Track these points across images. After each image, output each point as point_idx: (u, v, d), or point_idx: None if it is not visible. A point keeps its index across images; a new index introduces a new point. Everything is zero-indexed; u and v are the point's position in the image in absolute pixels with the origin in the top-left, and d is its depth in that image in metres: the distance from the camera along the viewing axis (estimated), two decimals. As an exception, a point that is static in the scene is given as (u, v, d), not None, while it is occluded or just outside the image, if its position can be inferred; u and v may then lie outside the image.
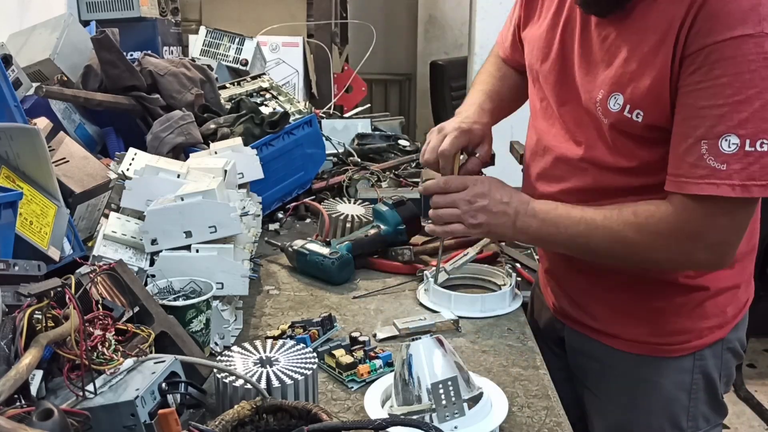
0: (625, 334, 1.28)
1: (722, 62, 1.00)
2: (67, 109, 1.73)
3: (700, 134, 1.03)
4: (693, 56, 1.03)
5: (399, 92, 5.62)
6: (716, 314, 1.26)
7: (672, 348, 1.26)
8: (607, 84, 1.13)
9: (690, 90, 1.04)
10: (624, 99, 1.10)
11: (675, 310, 1.24)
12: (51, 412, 0.67)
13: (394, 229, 1.52)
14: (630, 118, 1.11)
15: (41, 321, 0.79)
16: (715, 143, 1.02)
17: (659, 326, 1.26)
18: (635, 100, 1.10)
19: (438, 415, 0.91)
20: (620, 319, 1.28)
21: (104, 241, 1.21)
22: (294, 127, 1.80)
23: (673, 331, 1.25)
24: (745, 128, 1.01)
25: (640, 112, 1.10)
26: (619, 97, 1.11)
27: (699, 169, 1.04)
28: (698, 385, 1.28)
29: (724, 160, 1.02)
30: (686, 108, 1.05)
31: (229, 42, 2.48)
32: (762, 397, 3.22)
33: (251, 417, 0.83)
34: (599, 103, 1.14)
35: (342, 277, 1.45)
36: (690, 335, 1.25)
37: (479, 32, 3.27)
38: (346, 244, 1.48)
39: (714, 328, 1.26)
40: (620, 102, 1.11)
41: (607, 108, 1.13)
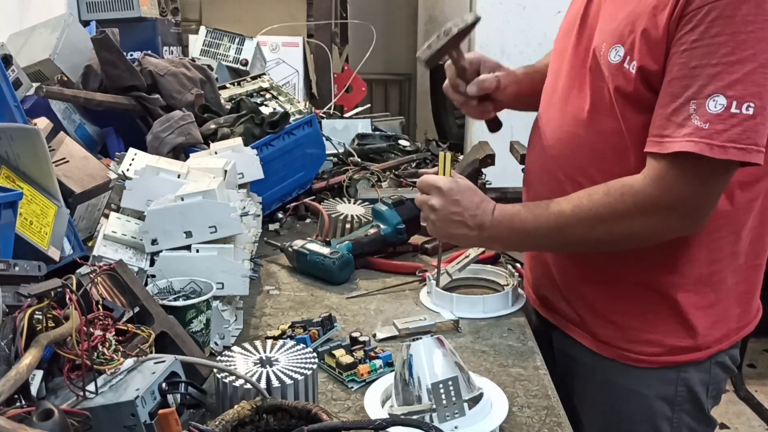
0: (600, 335, 1.26)
1: (720, 21, 0.99)
2: (67, 109, 1.73)
3: (690, 94, 1.02)
4: (692, 14, 1.01)
5: (399, 92, 5.61)
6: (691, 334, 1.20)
7: (645, 359, 1.22)
8: (609, 35, 1.12)
9: (685, 49, 1.02)
10: (624, 50, 1.09)
11: (642, 317, 1.21)
12: (51, 412, 0.67)
13: (393, 229, 1.53)
14: (627, 69, 1.09)
15: (41, 321, 0.79)
16: (702, 103, 1.00)
17: (627, 332, 1.23)
18: (632, 51, 1.08)
19: (438, 415, 0.91)
20: (594, 317, 1.26)
21: (104, 241, 1.21)
22: (294, 127, 1.80)
23: (640, 341, 1.22)
24: (734, 89, 0.99)
25: (635, 63, 1.08)
26: (620, 48, 1.10)
27: (683, 129, 1.02)
28: (683, 398, 1.24)
29: (707, 120, 1.00)
30: (679, 67, 1.03)
31: (229, 42, 2.48)
32: (762, 397, 3.22)
33: (251, 417, 0.83)
34: (602, 56, 1.13)
35: (342, 277, 1.45)
36: (659, 349, 1.21)
37: (479, 32, 3.26)
38: (346, 244, 1.49)
39: (688, 349, 1.21)
40: (620, 54, 1.10)
41: (608, 60, 1.11)
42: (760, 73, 0.99)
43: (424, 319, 1.26)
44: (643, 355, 1.23)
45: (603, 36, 1.14)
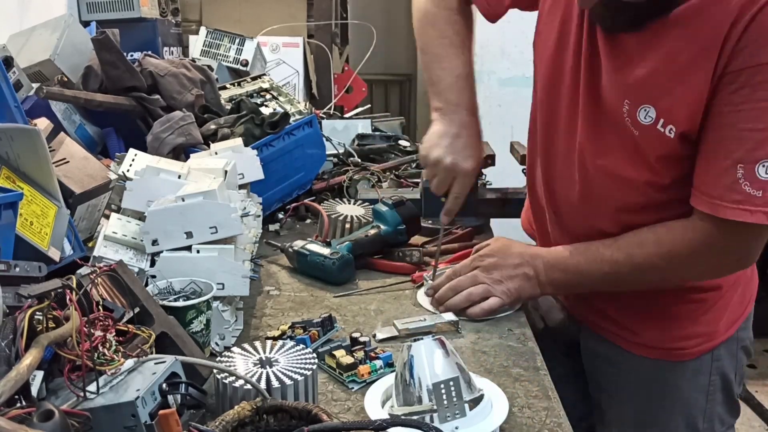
0: (641, 339, 1.28)
1: (766, 84, 0.98)
2: (68, 110, 1.73)
3: (738, 157, 1.01)
4: (736, 74, 0.99)
5: (399, 93, 5.62)
6: (726, 313, 1.27)
7: (686, 352, 1.26)
8: (633, 94, 1.09)
9: (730, 110, 1.01)
10: (656, 112, 1.07)
11: (688, 314, 1.25)
12: (52, 413, 0.67)
13: (394, 229, 1.53)
14: (663, 133, 1.08)
15: (42, 322, 0.79)
16: (752, 168, 1.00)
17: (673, 331, 1.26)
18: (669, 115, 1.06)
19: (439, 415, 0.91)
20: (635, 323, 1.28)
21: (105, 241, 1.21)
22: (294, 127, 1.80)
23: (687, 336, 1.26)
24: None
25: (673, 128, 1.07)
26: (651, 109, 1.08)
27: (734, 194, 1.02)
28: (715, 386, 1.28)
29: (760, 187, 1.01)
30: (725, 128, 1.02)
31: (229, 42, 2.49)
32: (762, 397, 3.22)
33: (251, 417, 0.83)
34: (627, 114, 1.10)
35: (343, 278, 1.45)
36: (702, 338, 1.26)
37: (479, 33, 3.25)
38: (347, 245, 1.49)
39: (725, 327, 1.27)
40: (652, 115, 1.08)
41: (637, 120, 1.09)
42: None
43: (425, 320, 1.26)
44: (685, 349, 1.27)
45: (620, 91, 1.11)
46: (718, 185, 1.05)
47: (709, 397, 1.29)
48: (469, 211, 1.62)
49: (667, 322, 1.27)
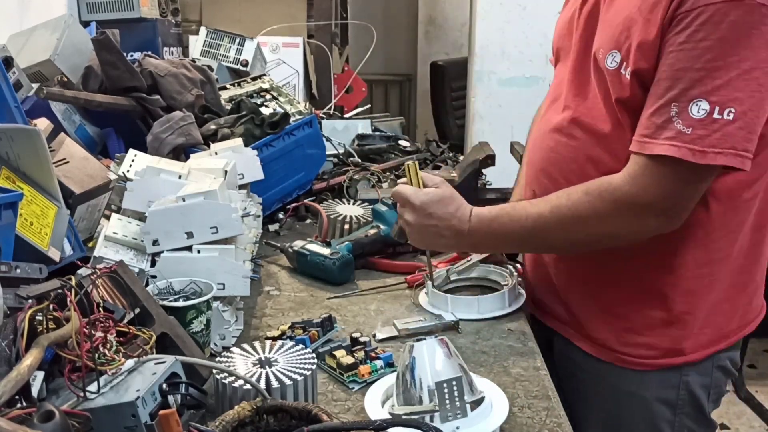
0: (596, 336, 1.26)
1: (708, 25, 0.99)
2: (68, 110, 1.73)
3: (672, 96, 1.02)
4: (682, 15, 1.02)
5: (399, 93, 5.62)
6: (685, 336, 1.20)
7: (638, 361, 1.22)
8: (607, 41, 1.12)
9: (672, 50, 1.03)
10: (620, 56, 1.10)
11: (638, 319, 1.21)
12: (52, 413, 0.67)
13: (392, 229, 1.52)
14: (624, 75, 1.09)
15: (42, 323, 0.79)
16: (685, 107, 1.01)
17: (623, 335, 1.23)
18: (628, 56, 1.08)
19: (441, 415, 0.91)
20: (591, 320, 1.26)
21: (105, 242, 1.21)
22: (294, 127, 1.80)
23: (637, 344, 1.22)
24: (717, 95, 1.00)
25: (630, 69, 1.09)
26: (617, 54, 1.10)
27: (665, 131, 1.03)
28: (684, 401, 1.24)
29: (690, 124, 1.01)
30: (665, 68, 1.04)
31: (229, 43, 2.48)
32: (762, 397, 3.22)
33: (251, 417, 0.83)
34: (600, 61, 1.13)
35: (343, 278, 1.45)
36: (655, 351, 1.21)
37: (479, 33, 3.27)
38: (346, 245, 1.49)
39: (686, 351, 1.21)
40: (617, 60, 1.10)
41: (606, 65, 1.12)
42: (743, 79, 1.00)
43: (424, 320, 1.26)
44: (640, 358, 1.23)
45: (600, 41, 1.15)
46: (651, 125, 1.05)
47: (678, 411, 1.25)
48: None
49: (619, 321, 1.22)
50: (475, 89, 3.31)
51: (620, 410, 1.27)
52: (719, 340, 1.23)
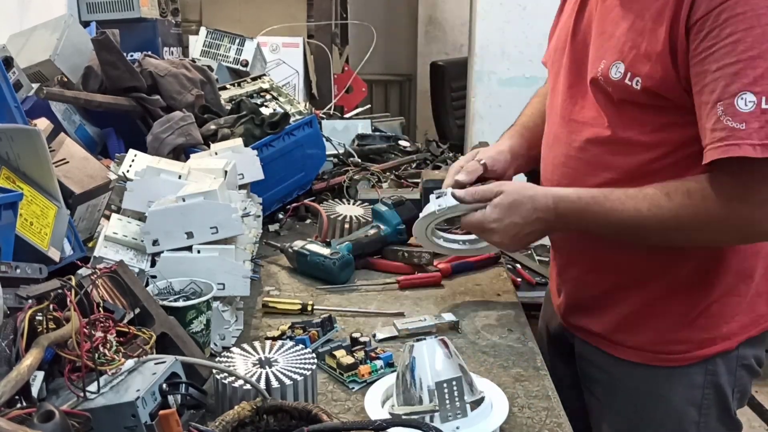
0: (630, 341, 1.24)
1: (732, 20, 0.98)
2: (68, 110, 1.73)
3: (716, 97, 1.00)
4: (701, 22, 1.00)
5: (399, 93, 5.62)
6: (720, 324, 1.20)
7: (669, 357, 1.22)
8: (609, 53, 1.12)
9: (703, 57, 1.01)
10: (624, 67, 1.09)
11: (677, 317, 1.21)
12: (52, 413, 0.67)
13: (394, 229, 1.53)
14: (630, 86, 1.09)
15: (42, 322, 0.79)
16: (731, 103, 0.98)
17: (661, 335, 1.22)
18: (635, 67, 1.08)
19: (441, 415, 0.91)
20: (628, 326, 1.24)
21: (105, 242, 1.21)
22: (294, 127, 1.80)
23: (673, 340, 1.21)
24: (760, 84, 0.97)
25: (638, 79, 1.08)
26: (620, 65, 1.10)
27: (718, 133, 1.00)
28: (709, 400, 1.23)
29: (742, 120, 0.98)
30: (701, 76, 1.02)
31: (229, 43, 2.48)
32: (762, 397, 3.21)
33: (251, 417, 0.83)
34: (601, 73, 1.13)
35: (343, 278, 1.45)
36: (689, 345, 1.21)
37: (479, 33, 3.27)
38: (347, 245, 1.49)
39: (718, 339, 1.21)
40: (621, 70, 1.10)
41: (609, 77, 1.12)
42: None
43: (424, 320, 1.26)
44: (675, 354, 1.22)
45: (600, 53, 1.15)
46: (706, 133, 1.02)
47: (703, 411, 1.24)
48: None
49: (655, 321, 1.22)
50: (475, 89, 3.31)
51: (646, 413, 1.25)
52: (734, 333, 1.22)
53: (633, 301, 1.23)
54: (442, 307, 1.36)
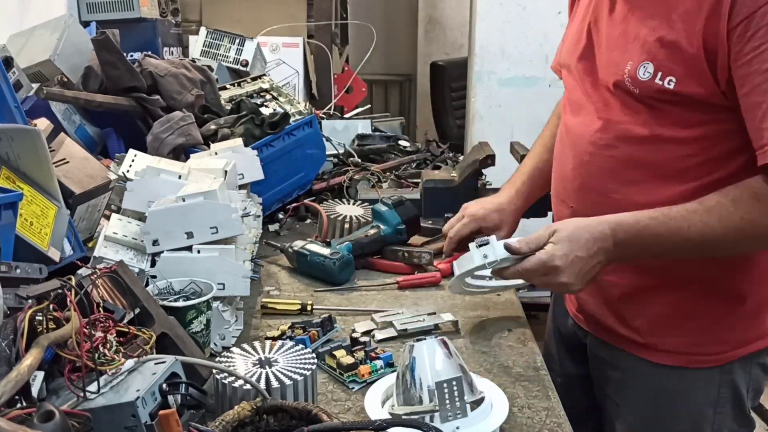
0: (663, 345, 1.23)
1: None
2: (68, 110, 1.73)
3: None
4: (744, 23, 1.00)
5: (399, 93, 5.61)
6: (753, 326, 1.21)
7: (706, 359, 1.21)
8: (636, 54, 1.12)
9: (750, 58, 1.01)
10: (654, 66, 1.09)
11: (715, 320, 1.20)
12: (52, 413, 0.67)
13: (393, 230, 1.53)
14: (661, 85, 1.09)
15: (42, 322, 0.79)
16: None
17: (697, 337, 1.21)
18: (667, 67, 1.08)
19: (441, 414, 0.91)
20: (660, 329, 1.23)
21: (105, 242, 1.21)
22: (294, 127, 1.80)
23: (710, 342, 1.21)
24: None
25: (672, 79, 1.08)
26: (649, 65, 1.10)
27: None
28: (725, 399, 1.23)
29: None
30: (751, 77, 1.02)
31: (229, 43, 2.48)
32: (763, 397, 3.21)
33: (251, 417, 0.83)
34: (628, 74, 1.12)
35: (343, 278, 1.45)
36: (726, 346, 1.21)
37: (479, 33, 3.26)
38: (347, 245, 1.49)
39: (750, 340, 1.21)
40: (650, 70, 1.10)
41: (636, 77, 1.11)
42: None
43: (424, 320, 1.26)
44: (711, 355, 1.21)
45: (625, 55, 1.13)
46: (762, 134, 1.02)
47: (718, 410, 1.23)
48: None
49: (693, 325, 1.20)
50: (475, 89, 3.31)
51: (662, 411, 1.25)
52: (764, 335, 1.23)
53: (665, 304, 1.21)
54: (442, 307, 1.36)
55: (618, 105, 1.17)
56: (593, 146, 1.21)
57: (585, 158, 1.22)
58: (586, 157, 1.22)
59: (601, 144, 1.20)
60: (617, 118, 1.17)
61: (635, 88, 1.12)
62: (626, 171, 1.17)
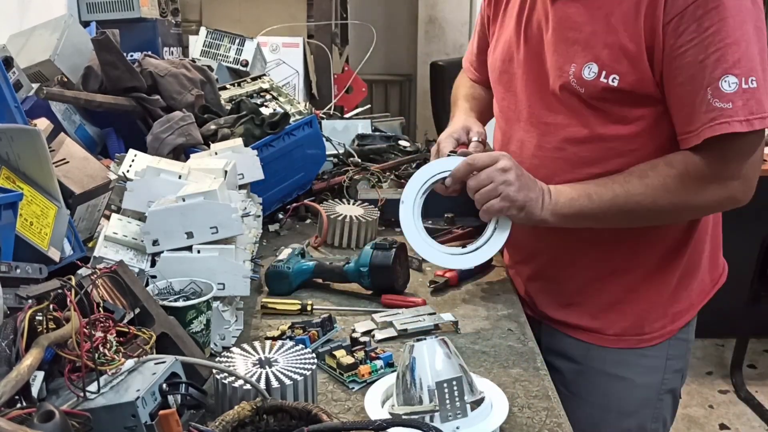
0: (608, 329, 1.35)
1: (708, 14, 1.08)
2: (68, 110, 1.73)
3: (705, 83, 1.10)
4: (678, 18, 1.10)
5: (399, 93, 5.61)
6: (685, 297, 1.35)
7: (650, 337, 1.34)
8: (579, 56, 1.19)
9: (685, 50, 1.11)
10: (598, 66, 1.17)
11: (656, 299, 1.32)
12: (52, 413, 0.67)
13: (356, 269, 1.40)
14: (606, 83, 1.17)
15: (42, 322, 0.79)
16: (717, 86, 1.09)
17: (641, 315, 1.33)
18: (611, 66, 1.16)
19: (441, 415, 0.91)
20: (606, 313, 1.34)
21: (105, 242, 1.21)
22: (294, 127, 1.80)
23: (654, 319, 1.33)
24: (739, 67, 1.08)
25: (616, 77, 1.16)
26: (593, 65, 1.18)
27: (708, 114, 1.11)
28: (666, 386, 1.37)
29: (728, 99, 1.09)
30: (687, 67, 1.11)
31: (229, 43, 2.48)
32: (762, 397, 3.22)
33: (251, 418, 0.83)
34: (573, 75, 1.20)
35: (272, 288, 1.41)
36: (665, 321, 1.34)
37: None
38: (313, 263, 1.44)
39: (683, 312, 1.36)
40: (595, 70, 1.18)
41: (582, 78, 1.19)
42: (752, 49, 1.09)
43: (424, 320, 1.26)
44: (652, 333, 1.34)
45: (568, 57, 1.21)
46: (699, 116, 1.12)
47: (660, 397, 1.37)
48: (469, 212, 1.61)
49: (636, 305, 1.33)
50: (475, 89, 3.30)
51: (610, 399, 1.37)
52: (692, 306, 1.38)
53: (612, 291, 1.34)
54: (442, 307, 1.36)
55: (562, 109, 1.25)
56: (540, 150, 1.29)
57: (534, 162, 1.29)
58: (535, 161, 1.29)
59: (549, 147, 1.28)
60: (561, 122, 1.25)
61: (581, 87, 1.20)
62: (576, 169, 1.25)
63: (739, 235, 1.98)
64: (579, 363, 1.38)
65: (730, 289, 1.50)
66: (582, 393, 1.37)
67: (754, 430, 3.05)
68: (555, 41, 1.23)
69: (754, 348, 3.49)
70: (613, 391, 1.36)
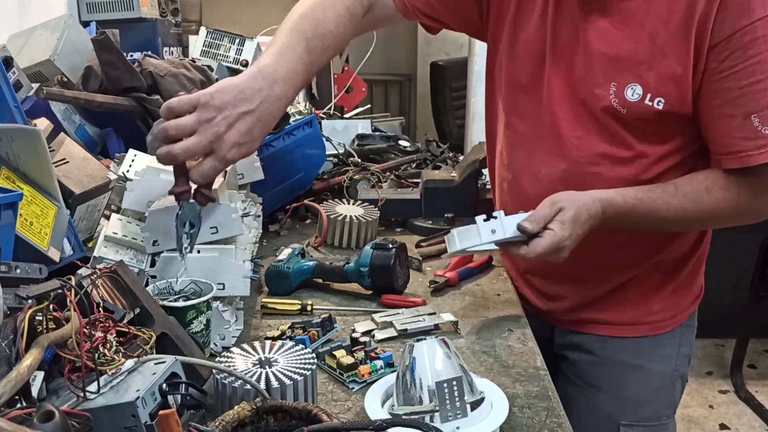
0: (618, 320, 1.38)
1: (755, 42, 1.09)
2: (68, 110, 1.73)
3: (748, 110, 1.12)
4: (724, 42, 1.11)
5: (399, 93, 5.62)
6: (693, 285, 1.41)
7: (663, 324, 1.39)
8: (620, 75, 1.18)
9: (728, 74, 1.12)
10: (643, 89, 1.17)
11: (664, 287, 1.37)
12: (52, 413, 0.67)
13: (356, 269, 1.40)
14: (651, 106, 1.17)
15: (42, 322, 0.79)
16: (765, 114, 1.12)
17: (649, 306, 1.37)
18: (657, 89, 1.16)
19: (441, 415, 0.91)
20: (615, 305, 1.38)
21: (105, 242, 1.21)
22: (294, 127, 1.80)
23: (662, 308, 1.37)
24: None
25: (661, 100, 1.16)
26: (637, 87, 1.17)
27: (757, 141, 1.13)
28: (678, 371, 1.42)
29: None
30: (728, 91, 1.13)
31: (229, 43, 2.48)
32: (762, 397, 3.22)
33: (251, 418, 0.83)
34: (614, 96, 1.19)
35: (272, 288, 1.41)
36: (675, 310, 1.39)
37: (479, 33, 3.27)
38: (313, 263, 1.44)
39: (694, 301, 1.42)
40: (639, 92, 1.17)
41: (624, 98, 1.18)
42: None
43: (424, 320, 1.26)
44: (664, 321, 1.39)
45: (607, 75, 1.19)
46: (737, 141, 1.15)
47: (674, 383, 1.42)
48: (469, 212, 1.62)
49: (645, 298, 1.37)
50: (475, 89, 3.31)
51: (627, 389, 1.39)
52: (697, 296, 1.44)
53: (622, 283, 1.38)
54: (442, 307, 1.36)
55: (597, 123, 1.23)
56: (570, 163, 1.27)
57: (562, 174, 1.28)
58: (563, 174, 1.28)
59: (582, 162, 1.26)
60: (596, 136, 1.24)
61: (623, 108, 1.19)
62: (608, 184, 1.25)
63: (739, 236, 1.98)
64: (596, 355, 1.41)
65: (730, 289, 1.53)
66: (599, 384, 1.40)
67: (754, 430, 3.05)
68: (588, 56, 1.21)
69: (754, 348, 3.49)
70: (631, 380, 1.39)
